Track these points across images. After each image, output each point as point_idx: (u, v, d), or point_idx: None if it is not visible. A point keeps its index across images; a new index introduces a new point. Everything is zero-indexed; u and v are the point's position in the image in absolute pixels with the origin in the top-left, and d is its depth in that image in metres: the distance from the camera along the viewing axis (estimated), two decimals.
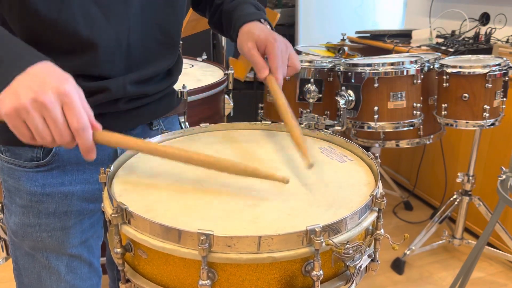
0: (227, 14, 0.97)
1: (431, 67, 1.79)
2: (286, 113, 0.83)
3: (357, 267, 0.60)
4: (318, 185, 0.73)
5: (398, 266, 2.10)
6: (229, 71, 1.72)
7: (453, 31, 2.58)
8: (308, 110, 1.72)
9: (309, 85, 1.73)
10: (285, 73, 0.88)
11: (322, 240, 0.56)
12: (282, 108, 0.84)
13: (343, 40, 2.59)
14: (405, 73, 1.67)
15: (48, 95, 0.60)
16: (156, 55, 0.86)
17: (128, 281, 0.67)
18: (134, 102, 0.86)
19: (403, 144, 1.85)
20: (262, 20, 0.93)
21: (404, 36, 2.68)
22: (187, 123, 1.39)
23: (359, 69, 1.67)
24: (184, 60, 1.93)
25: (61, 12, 0.72)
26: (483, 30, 2.40)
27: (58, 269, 0.89)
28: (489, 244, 2.13)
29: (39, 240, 0.87)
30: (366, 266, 0.66)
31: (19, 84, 0.60)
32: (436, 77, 1.80)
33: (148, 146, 0.72)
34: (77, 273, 0.91)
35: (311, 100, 1.72)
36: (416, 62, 1.70)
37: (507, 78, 1.73)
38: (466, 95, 1.70)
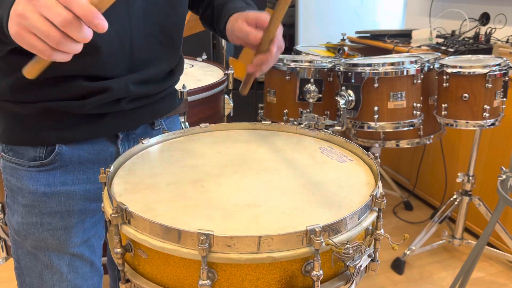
0: (218, 8, 0.96)
1: (431, 67, 1.79)
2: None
3: (357, 267, 0.60)
4: (318, 185, 0.73)
5: (398, 266, 2.10)
6: (229, 71, 1.72)
7: (453, 31, 2.58)
8: (308, 110, 1.72)
9: (309, 85, 1.73)
10: (282, 47, 0.85)
11: (322, 240, 0.56)
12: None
13: (343, 40, 2.59)
14: (405, 73, 1.67)
15: None
16: (158, 56, 0.86)
17: (128, 281, 0.67)
18: (136, 102, 0.86)
19: (403, 144, 1.85)
20: None
21: (404, 36, 2.68)
22: (187, 123, 1.39)
23: (359, 69, 1.67)
24: (185, 60, 1.94)
25: None
26: (483, 30, 2.40)
27: (60, 268, 0.89)
28: (489, 244, 2.13)
29: (42, 239, 0.87)
30: (366, 266, 0.66)
31: (16, 3, 0.60)
32: (436, 77, 1.80)
33: None
34: (79, 273, 0.91)
35: (311, 100, 1.72)
36: (416, 62, 1.70)
37: (507, 78, 1.73)
38: (466, 95, 1.70)
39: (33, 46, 0.60)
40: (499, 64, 1.69)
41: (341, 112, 1.68)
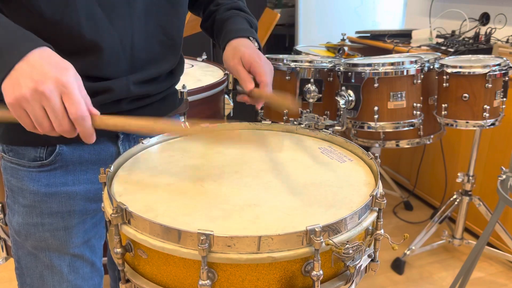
0: (219, 23, 0.99)
1: (431, 67, 1.79)
2: (273, 96, 0.86)
3: (357, 267, 0.60)
4: (318, 185, 0.73)
5: (398, 266, 2.10)
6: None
7: (453, 31, 2.58)
8: (308, 110, 1.72)
9: (309, 85, 1.73)
10: (270, 91, 0.89)
11: (322, 240, 0.56)
12: (273, 96, 0.87)
13: (343, 40, 2.59)
14: (405, 73, 1.67)
15: (47, 85, 0.61)
16: (159, 56, 0.87)
17: (128, 281, 0.67)
18: (137, 102, 0.87)
19: (403, 144, 1.85)
20: (251, 38, 0.94)
21: (404, 36, 2.68)
22: (187, 123, 1.39)
23: (359, 69, 1.67)
24: (185, 60, 1.93)
25: (65, 14, 0.73)
26: (483, 30, 2.40)
27: (60, 269, 0.89)
28: (489, 244, 2.13)
29: (42, 240, 0.87)
30: (366, 266, 0.66)
31: (20, 73, 0.61)
32: (436, 77, 1.80)
33: (147, 125, 0.72)
34: (79, 273, 0.91)
35: (311, 100, 1.72)
36: (416, 62, 1.70)
37: (507, 78, 1.73)
38: (466, 95, 1.70)
39: (20, 118, 0.64)
40: (499, 64, 1.69)
41: (341, 112, 1.68)
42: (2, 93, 0.63)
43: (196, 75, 1.76)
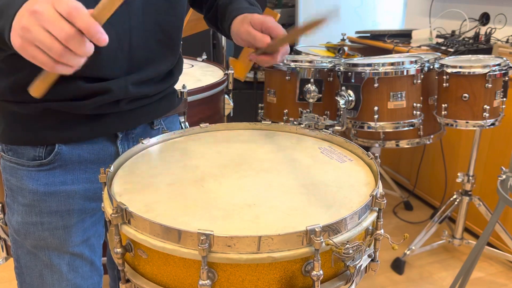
0: (222, 8, 0.97)
1: (431, 67, 1.79)
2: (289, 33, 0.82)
3: (357, 267, 0.60)
4: (318, 185, 0.73)
5: (398, 266, 2.10)
6: (229, 71, 1.72)
7: (453, 31, 2.58)
8: (308, 110, 1.72)
9: (309, 85, 1.73)
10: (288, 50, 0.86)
11: (322, 240, 0.56)
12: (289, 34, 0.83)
13: (343, 40, 2.59)
14: (405, 73, 1.67)
15: (38, 3, 0.59)
16: (157, 55, 0.86)
17: (128, 281, 0.67)
18: (135, 102, 0.86)
19: (403, 144, 1.85)
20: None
21: (404, 36, 2.68)
22: (187, 123, 1.39)
23: (359, 69, 1.67)
24: (184, 60, 1.93)
25: None
26: (483, 30, 2.40)
27: (60, 268, 0.89)
28: (489, 244, 2.13)
29: (41, 239, 0.87)
30: (366, 266, 0.66)
31: (18, 14, 0.60)
32: (436, 77, 1.80)
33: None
34: (79, 272, 0.91)
35: (311, 100, 1.72)
36: (416, 62, 1.70)
37: (507, 78, 1.73)
38: (466, 95, 1.70)
39: (36, 58, 0.61)
40: (499, 64, 1.69)
41: (341, 112, 1.68)
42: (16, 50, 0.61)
43: (196, 75, 1.76)
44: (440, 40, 2.50)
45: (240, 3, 0.95)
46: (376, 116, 1.68)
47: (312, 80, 1.74)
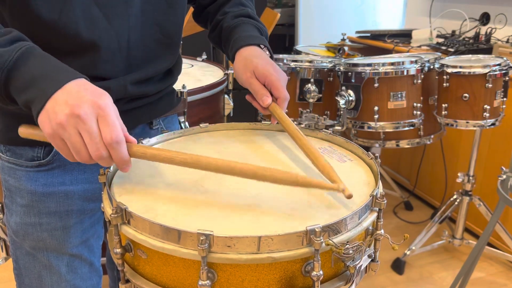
0: (226, 32, 0.95)
1: (431, 67, 1.79)
2: (303, 141, 0.78)
3: (357, 267, 0.60)
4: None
5: (398, 266, 2.10)
6: (229, 71, 1.72)
7: (453, 31, 2.58)
8: (308, 110, 1.72)
9: (309, 85, 1.73)
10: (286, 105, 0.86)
11: (322, 240, 0.56)
12: (296, 134, 0.81)
13: (343, 40, 2.59)
14: (405, 73, 1.67)
15: (83, 108, 0.60)
16: (156, 55, 0.86)
17: (127, 281, 0.67)
18: (134, 102, 0.86)
19: (403, 144, 1.85)
20: (262, 46, 0.90)
21: (404, 36, 2.68)
22: (187, 123, 1.39)
23: (359, 69, 1.67)
24: (184, 60, 1.93)
25: (63, 13, 0.72)
26: (483, 30, 2.40)
27: (58, 269, 0.89)
28: (489, 244, 2.13)
29: (40, 240, 0.87)
30: (366, 266, 0.66)
31: (56, 101, 0.61)
32: (436, 77, 1.80)
33: (185, 158, 0.68)
34: (78, 273, 0.91)
35: (311, 100, 1.72)
36: (416, 62, 1.70)
37: (507, 78, 1.73)
38: (466, 95, 1.70)
39: (60, 149, 0.63)
40: (499, 64, 1.69)
41: (341, 112, 1.68)
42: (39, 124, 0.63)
43: (196, 75, 1.76)
44: (440, 40, 2.50)
45: (246, 31, 0.92)
46: (376, 116, 1.68)
47: (312, 80, 1.74)
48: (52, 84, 0.62)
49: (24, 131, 0.70)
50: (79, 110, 0.59)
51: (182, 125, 1.37)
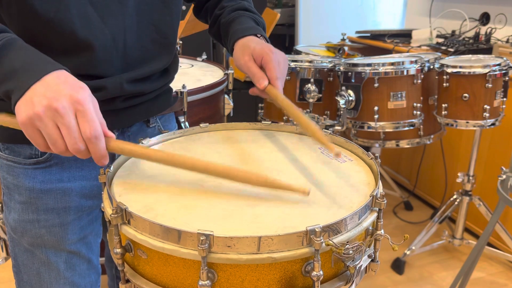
0: (224, 26, 0.97)
1: (431, 67, 1.79)
2: (297, 114, 0.81)
3: (357, 268, 0.60)
4: (318, 185, 0.73)
5: (398, 266, 2.10)
6: (229, 71, 1.72)
7: (453, 31, 2.58)
8: (308, 110, 1.72)
9: (309, 85, 1.73)
10: (283, 84, 0.87)
11: (322, 240, 0.56)
12: (291, 110, 0.83)
13: (343, 40, 2.59)
14: (405, 73, 1.67)
15: (61, 102, 0.60)
16: (152, 54, 0.87)
17: (127, 281, 0.67)
18: (131, 100, 0.87)
19: (403, 144, 1.85)
20: (259, 36, 0.92)
21: (404, 36, 2.68)
22: (187, 123, 1.39)
23: (359, 69, 1.67)
24: (184, 60, 1.93)
25: (58, 12, 0.73)
26: (483, 30, 2.40)
27: (57, 265, 0.89)
28: (489, 244, 2.13)
29: (38, 236, 0.87)
30: (366, 266, 0.66)
31: (34, 92, 0.61)
32: (436, 77, 1.80)
33: (161, 156, 0.71)
34: (76, 270, 0.91)
35: (311, 100, 1.72)
36: (416, 62, 1.70)
37: (507, 78, 1.73)
38: (466, 95, 1.70)
39: (33, 139, 0.63)
40: (499, 64, 1.69)
41: (341, 112, 1.68)
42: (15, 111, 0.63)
43: (196, 75, 1.76)
44: (440, 40, 2.50)
45: (243, 23, 0.94)
46: (376, 116, 1.68)
47: (312, 80, 1.74)
48: (31, 76, 0.62)
49: (1, 119, 0.71)
50: (57, 104, 0.60)
51: (182, 125, 1.37)
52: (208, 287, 0.57)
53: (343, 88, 1.69)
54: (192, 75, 1.75)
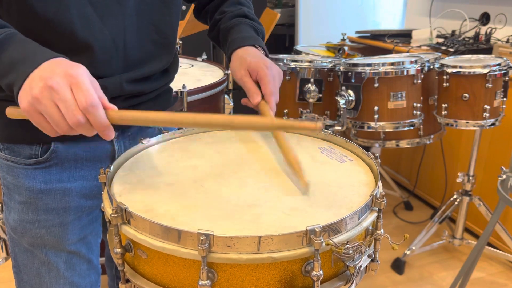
0: (224, 33, 0.98)
1: (431, 67, 1.79)
2: (280, 139, 0.82)
3: (357, 267, 0.60)
4: (318, 185, 0.73)
5: (398, 266, 2.10)
6: (229, 71, 1.72)
7: (453, 31, 2.58)
8: (308, 110, 1.72)
9: (309, 85, 1.73)
10: (277, 100, 0.88)
11: (322, 240, 0.56)
12: (275, 133, 0.84)
13: (343, 40, 2.59)
14: (405, 73, 1.67)
15: (55, 79, 0.61)
16: (152, 55, 0.87)
17: (128, 281, 0.67)
18: (130, 100, 0.87)
19: (403, 144, 1.85)
20: (257, 46, 0.93)
21: (404, 36, 2.68)
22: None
23: (359, 69, 1.67)
24: (184, 60, 1.93)
25: (58, 13, 0.73)
26: (483, 30, 2.40)
27: (57, 266, 0.89)
28: (489, 244, 2.13)
29: (38, 236, 0.87)
30: (366, 266, 0.66)
31: (32, 79, 0.62)
32: (436, 77, 1.80)
33: (163, 116, 0.69)
34: (76, 270, 0.91)
35: (311, 100, 1.72)
36: (416, 62, 1.70)
37: (507, 78, 1.73)
38: (466, 95, 1.70)
39: (39, 125, 0.64)
40: (499, 64, 1.69)
41: (341, 112, 1.68)
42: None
43: (196, 75, 1.76)
44: (440, 40, 2.50)
45: (242, 31, 0.95)
46: (376, 116, 1.68)
47: (312, 80, 1.74)
48: (29, 65, 0.63)
49: (13, 112, 0.71)
50: (51, 82, 0.60)
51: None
52: (208, 287, 0.57)
53: (343, 88, 1.69)
54: (192, 75, 1.75)
